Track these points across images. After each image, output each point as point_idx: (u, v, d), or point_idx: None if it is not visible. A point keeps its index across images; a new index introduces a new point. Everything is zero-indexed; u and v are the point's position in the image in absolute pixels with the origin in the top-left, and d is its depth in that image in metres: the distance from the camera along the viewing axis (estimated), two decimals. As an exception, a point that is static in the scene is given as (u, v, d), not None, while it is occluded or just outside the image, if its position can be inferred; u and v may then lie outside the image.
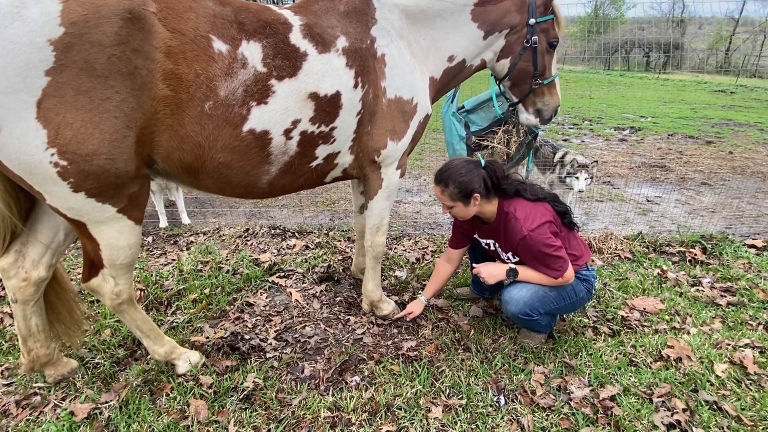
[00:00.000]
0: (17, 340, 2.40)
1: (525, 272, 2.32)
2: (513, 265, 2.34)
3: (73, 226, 1.77)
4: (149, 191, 1.87)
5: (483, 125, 3.33)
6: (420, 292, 2.83)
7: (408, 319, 2.67)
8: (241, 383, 2.17)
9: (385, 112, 2.17)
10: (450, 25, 2.29)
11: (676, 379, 2.27)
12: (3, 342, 2.48)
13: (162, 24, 1.60)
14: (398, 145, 2.28)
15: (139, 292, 2.94)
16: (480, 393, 2.17)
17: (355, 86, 2.04)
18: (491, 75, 2.77)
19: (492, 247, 2.50)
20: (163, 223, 4.27)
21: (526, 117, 2.64)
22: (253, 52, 1.78)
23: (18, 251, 1.91)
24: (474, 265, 2.43)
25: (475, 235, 2.58)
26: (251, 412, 2.02)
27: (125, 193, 1.70)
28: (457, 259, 2.68)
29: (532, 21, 2.33)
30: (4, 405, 2.03)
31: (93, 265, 1.87)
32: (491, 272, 2.34)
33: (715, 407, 2.10)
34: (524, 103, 2.60)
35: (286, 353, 2.43)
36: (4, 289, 3.01)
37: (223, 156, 1.82)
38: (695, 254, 3.59)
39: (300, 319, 2.76)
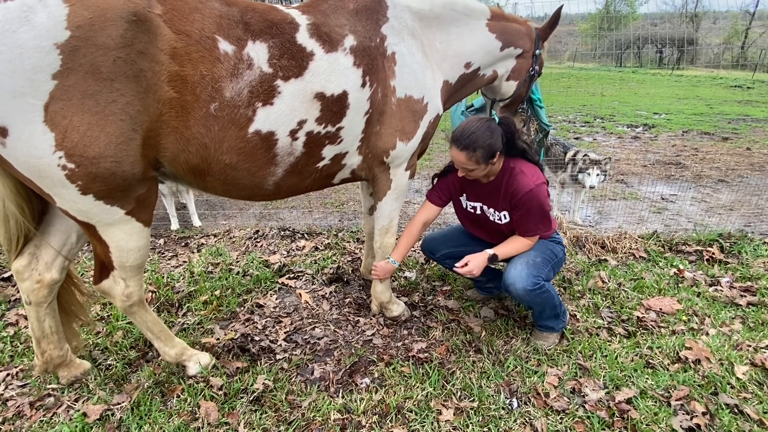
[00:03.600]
0: (32, 342, 2.44)
1: (503, 249, 2.36)
2: (491, 251, 2.32)
3: (83, 229, 1.78)
4: (157, 193, 1.88)
5: None
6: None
7: (374, 276, 2.57)
8: (251, 385, 2.16)
9: (394, 112, 2.15)
10: (467, 33, 2.35)
11: (694, 381, 2.20)
12: (18, 344, 2.51)
13: (167, 26, 1.59)
14: (408, 146, 2.25)
15: (150, 293, 2.96)
16: (492, 395, 2.13)
17: (363, 85, 2.02)
18: (481, 93, 2.93)
19: (479, 211, 2.47)
20: (174, 225, 4.30)
21: None
22: (258, 52, 1.77)
23: (31, 254, 1.93)
24: (455, 267, 2.35)
25: (462, 197, 2.53)
26: (261, 414, 2.01)
27: (133, 195, 1.71)
28: (433, 218, 2.60)
29: (537, 51, 2.56)
30: (19, 406, 2.06)
31: (103, 267, 1.88)
32: (476, 264, 2.30)
33: (736, 410, 2.04)
34: None
35: (295, 355, 2.42)
36: (19, 291, 3.06)
37: (229, 157, 1.81)
38: (713, 253, 3.50)
39: (310, 320, 2.75)
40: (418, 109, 2.22)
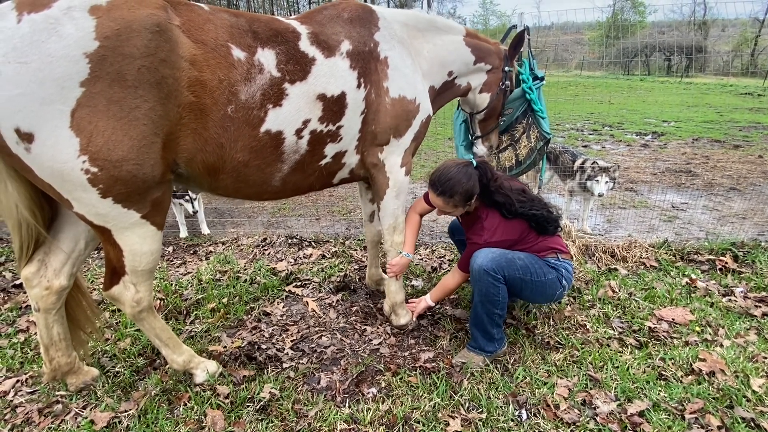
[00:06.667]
0: (41, 349, 2.45)
1: (435, 292, 2.57)
2: (429, 300, 2.57)
3: (97, 233, 1.82)
4: (171, 198, 1.93)
5: None
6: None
7: (390, 274, 2.62)
8: (258, 393, 2.15)
9: (388, 111, 2.28)
10: (449, 45, 2.57)
11: (709, 394, 2.15)
12: (28, 350, 2.53)
13: (186, 35, 1.69)
14: (400, 143, 2.39)
15: (158, 301, 2.97)
16: (501, 407, 2.10)
17: (359, 86, 2.16)
18: (459, 108, 3.11)
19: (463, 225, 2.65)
20: (183, 233, 4.34)
21: (481, 148, 3.01)
22: (268, 58, 1.89)
23: (40, 260, 1.96)
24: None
25: None
26: (267, 423, 2.00)
27: (149, 198, 1.77)
28: (427, 212, 2.67)
29: (507, 68, 2.75)
30: (28, 413, 2.07)
31: (114, 273, 1.91)
32: (419, 309, 2.61)
33: (752, 424, 1.98)
34: (482, 139, 2.99)
35: (302, 363, 2.41)
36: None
37: (242, 155, 1.92)
38: (726, 262, 3.44)
39: (316, 328, 2.74)
40: (411, 108, 2.36)
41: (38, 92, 1.46)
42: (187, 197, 4.25)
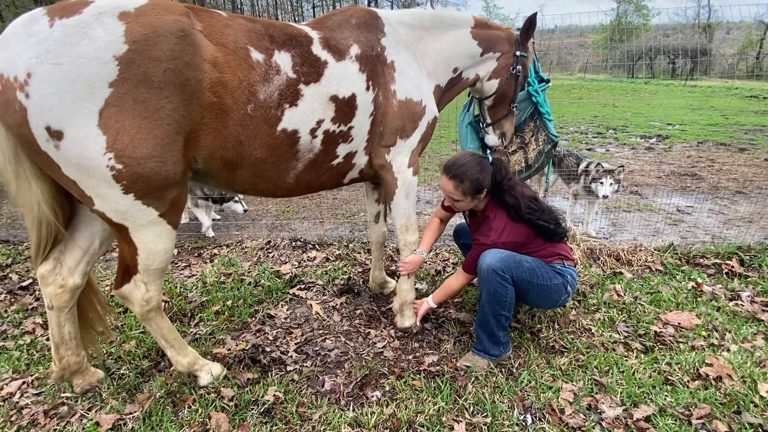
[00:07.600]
0: (48, 351, 2.47)
1: (438, 294, 2.60)
2: (431, 302, 2.60)
3: (114, 231, 1.86)
4: (187, 197, 1.97)
5: None
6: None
7: (402, 272, 2.66)
8: (262, 396, 2.16)
9: (396, 113, 2.34)
10: (454, 41, 2.58)
11: (716, 399, 2.13)
12: (34, 352, 2.55)
13: (208, 39, 1.77)
14: (407, 143, 2.44)
15: (163, 303, 2.98)
16: (505, 411, 2.09)
17: (367, 89, 2.24)
18: (469, 95, 3.11)
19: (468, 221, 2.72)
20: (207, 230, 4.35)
21: (492, 138, 2.96)
22: (284, 60, 1.98)
23: (56, 259, 2.00)
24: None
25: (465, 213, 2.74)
26: (271, 427, 2.00)
27: (169, 197, 1.82)
28: (447, 218, 2.78)
29: (518, 53, 2.72)
30: (33, 414, 2.08)
31: (127, 271, 1.94)
32: (421, 310, 2.63)
33: (760, 430, 1.96)
34: (494, 126, 2.94)
35: (306, 366, 2.41)
36: (36, 300, 3.11)
37: (260, 152, 1.99)
38: (732, 266, 3.42)
39: (320, 331, 2.74)
40: (418, 110, 2.41)
41: (70, 92, 1.53)
42: (236, 198, 4.34)
